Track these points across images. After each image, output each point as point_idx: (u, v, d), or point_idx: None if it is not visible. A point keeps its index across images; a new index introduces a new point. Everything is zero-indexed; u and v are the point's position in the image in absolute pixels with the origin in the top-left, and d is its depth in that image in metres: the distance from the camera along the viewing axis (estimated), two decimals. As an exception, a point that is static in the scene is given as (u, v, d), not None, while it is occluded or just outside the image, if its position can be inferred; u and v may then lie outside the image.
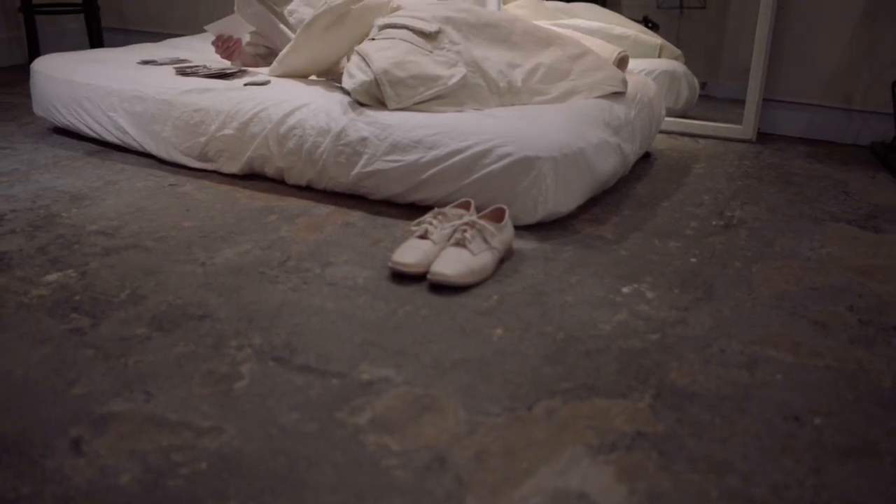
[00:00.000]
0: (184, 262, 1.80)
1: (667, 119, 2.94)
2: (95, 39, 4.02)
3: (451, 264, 1.68)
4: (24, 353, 1.42)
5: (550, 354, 1.45)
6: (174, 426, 1.22)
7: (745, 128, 3.06)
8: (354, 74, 2.13)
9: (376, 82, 2.09)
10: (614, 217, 2.17)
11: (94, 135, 2.66)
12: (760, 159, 2.83)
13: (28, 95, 2.99)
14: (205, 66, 2.65)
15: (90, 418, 1.24)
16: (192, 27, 4.07)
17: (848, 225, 2.20)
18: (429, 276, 1.68)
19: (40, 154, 2.61)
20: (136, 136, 2.53)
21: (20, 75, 3.84)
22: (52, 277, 1.72)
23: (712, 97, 3.41)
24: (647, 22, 3.48)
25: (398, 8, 2.34)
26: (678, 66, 3.26)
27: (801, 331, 1.58)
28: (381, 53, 2.10)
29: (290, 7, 2.80)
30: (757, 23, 3.00)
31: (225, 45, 2.72)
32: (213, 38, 2.76)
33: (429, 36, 2.17)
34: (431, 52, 2.16)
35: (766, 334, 1.56)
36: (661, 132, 3.01)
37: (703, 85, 3.35)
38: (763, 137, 3.13)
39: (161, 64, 2.75)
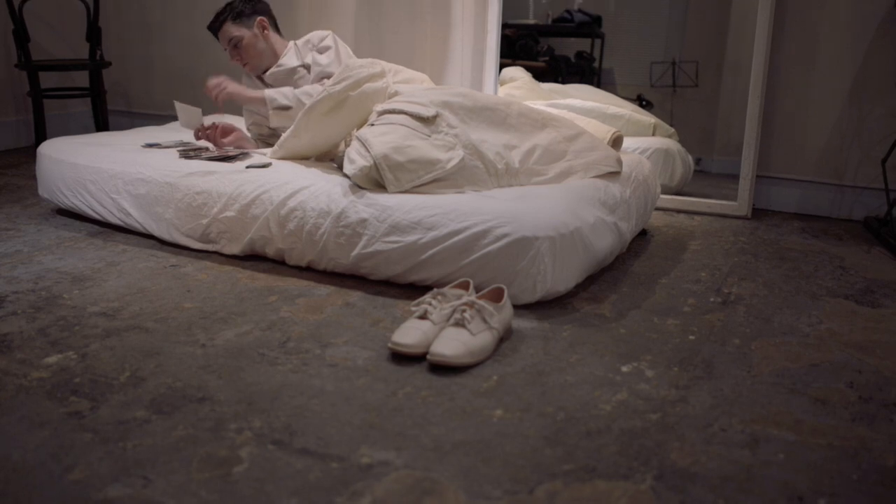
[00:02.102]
0: (184, 344, 1.81)
1: (662, 196, 2.98)
2: (101, 122, 4.11)
3: (451, 345, 1.68)
4: (23, 437, 1.42)
5: (551, 435, 1.45)
6: (172, 513, 1.21)
7: (739, 204, 3.11)
8: (355, 160, 2.17)
9: (376, 167, 2.13)
10: (612, 295, 2.18)
11: (98, 216, 2.70)
12: (756, 235, 2.86)
13: (33, 177, 3.04)
14: (208, 149, 2.70)
15: (87, 505, 1.23)
16: (196, 109, 4.15)
17: (845, 300, 2.21)
18: (428, 357, 1.69)
19: (43, 235, 2.64)
20: (138, 218, 2.57)
21: (26, 157, 3.91)
22: (52, 360, 1.72)
23: (707, 172, 3.47)
24: (641, 100, 3.56)
25: (396, 94, 2.40)
26: (672, 144, 3.32)
27: (802, 408, 1.58)
28: (380, 138, 2.15)
29: None
30: (748, 101, 3.07)
31: (211, 135, 2.80)
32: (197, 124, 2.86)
33: (426, 120, 2.22)
34: (430, 135, 2.20)
35: (766, 412, 1.56)
36: (657, 209, 3.05)
37: (697, 160, 3.42)
38: (758, 213, 3.17)
39: (165, 147, 2.80)
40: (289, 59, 2.90)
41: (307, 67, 2.87)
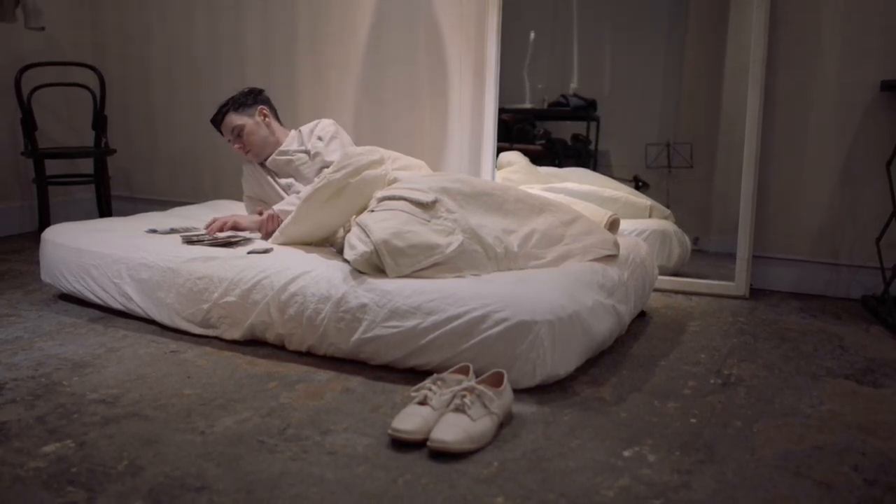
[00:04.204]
0: (183, 431, 1.80)
1: (660, 277, 3.00)
2: (104, 208, 4.16)
3: (451, 431, 1.67)
4: (18, 530, 1.40)
5: (553, 524, 1.43)
6: None
7: (737, 284, 3.12)
8: (355, 245, 2.20)
9: (376, 252, 2.16)
10: (613, 378, 2.18)
11: (99, 301, 2.71)
12: (754, 315, 2.87)
13: (36, 262, 3.07)
14: (210, 235, 2.74)
15: None
16: (198, 195, 4.22)
17: (846, 380, 2.21)
18: (428, 444, 1.68)
19: (44, 321, 2.65)
20: (140, 303, 2.58)
21: (30, 242, 3.94)
22: (49, 448, 1.71)
23: (705, 251, 3.49)
24: (637, 181, 3.61)
25: (395, 180, 2.45)
26: (668, 226, 3.36)
27: (807, 493, 1.56)
28: (380, 224, 2.18)
29: (285, 181, 2.97)
30: (741, 182, 3.13)
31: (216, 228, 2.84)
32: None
33: (426, 206, 2.25)
34: (429, 220, 2.24)
35: (771, 497, 1.54)
36: (655, 290, 3.06)
37: (695, 240, 3.44)
38: (756, 293, 3.18)
39: (167, 232, 2.84)
40: (289, 144, 2.98)
41: (308, 153, 2.94)
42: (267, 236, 2.75)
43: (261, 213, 2.84)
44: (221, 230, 2.79)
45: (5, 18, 3.63)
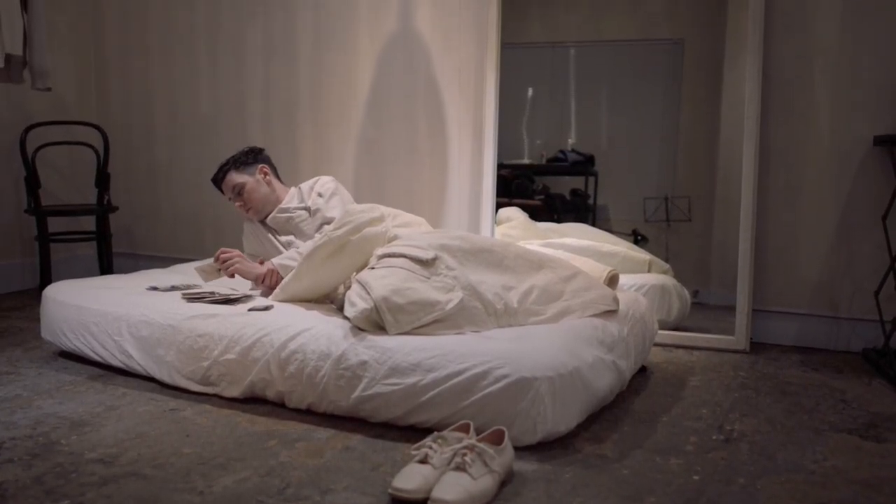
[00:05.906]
0: (182, 492, 1.78)
1: (660, 332, 3.00)
2: (106, 265, 4.17)
3: (452, 490, 1.66)
4: None
5: (555, 585, 1.41)
6: None
7: (737, 338, 3.12)
8: (355, 302, 2.21)
9: (376, 309, 2.17)
10: (614, 434, 2.16)
11: (99, 358, 2.71)
12: (755, 369, 2.87)
13: (36, 319, 3.07)
14: (212, 293, 2.75)
15: None
16: (199, 252, 4.24)
17: (849, 435, 2.19)
18: (429, 503, 1.66)
19: (44, 379, 2.64)
20: (140, 360, 2.58)
21: (30, 300, 3.95)
22: (46, 510, 1.70)
23: (705, 304, 3.50)
24: (636, 235, 3.63)
25: (395, 237, 2.47)
26: (668, 280, 3.37)
27: (812, 552, 1.54)
28: (381, 281, 2.19)
29: (285, 239, 2.99)
30: (739, 237, 3.15)
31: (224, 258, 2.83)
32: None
33: (426, 263, 2.27)
34: (429, 277, 2.25)
35: (776, 557, 1.52)
36: (656, 345, 3.06)
37: (695, 292, 3.45)
38: (756, 347, 3.18)
39: (168, 290, 2.85)
40: (290, 202, 3.02)
41: (309, 210, 2.97)
42: (267, 290, 2.76)
43: (261, 263, 2.86)
44: (228, 266, 2.78)
45: (13, 79, 3.69)
